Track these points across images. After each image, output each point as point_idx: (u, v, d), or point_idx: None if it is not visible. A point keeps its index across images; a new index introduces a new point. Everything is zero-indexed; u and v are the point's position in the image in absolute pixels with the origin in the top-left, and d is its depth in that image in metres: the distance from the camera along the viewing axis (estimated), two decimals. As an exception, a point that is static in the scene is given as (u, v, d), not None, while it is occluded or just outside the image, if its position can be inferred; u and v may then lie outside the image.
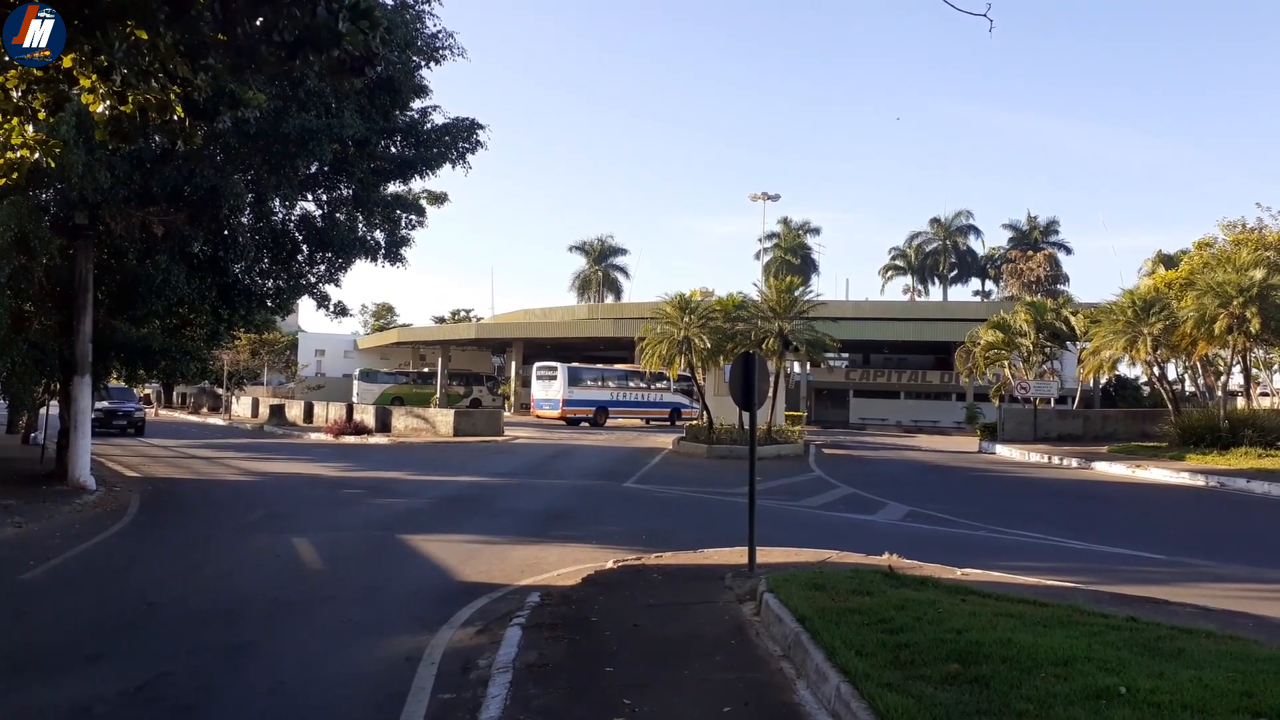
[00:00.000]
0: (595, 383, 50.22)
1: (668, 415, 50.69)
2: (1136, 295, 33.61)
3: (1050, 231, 71.23)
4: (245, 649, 7.80)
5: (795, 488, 21.10)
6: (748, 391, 10.34)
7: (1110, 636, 6.67)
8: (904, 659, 6.04)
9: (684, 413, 49.90)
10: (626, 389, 50.71)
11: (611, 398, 49.82)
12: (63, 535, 13.25)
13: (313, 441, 35.32)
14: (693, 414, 47.94)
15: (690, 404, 49.20)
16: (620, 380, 51.06)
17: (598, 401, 48.70)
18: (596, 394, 49.29)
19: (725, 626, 8.06)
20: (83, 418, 17.81)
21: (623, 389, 50.65)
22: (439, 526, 14.62)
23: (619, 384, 50.85)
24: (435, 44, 18.52)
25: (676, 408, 50.87)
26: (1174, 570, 12.13)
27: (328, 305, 21.57)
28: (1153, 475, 25.32)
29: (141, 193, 16.12)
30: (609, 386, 50.56)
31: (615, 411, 49.43)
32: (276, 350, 64.52)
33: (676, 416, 50.03)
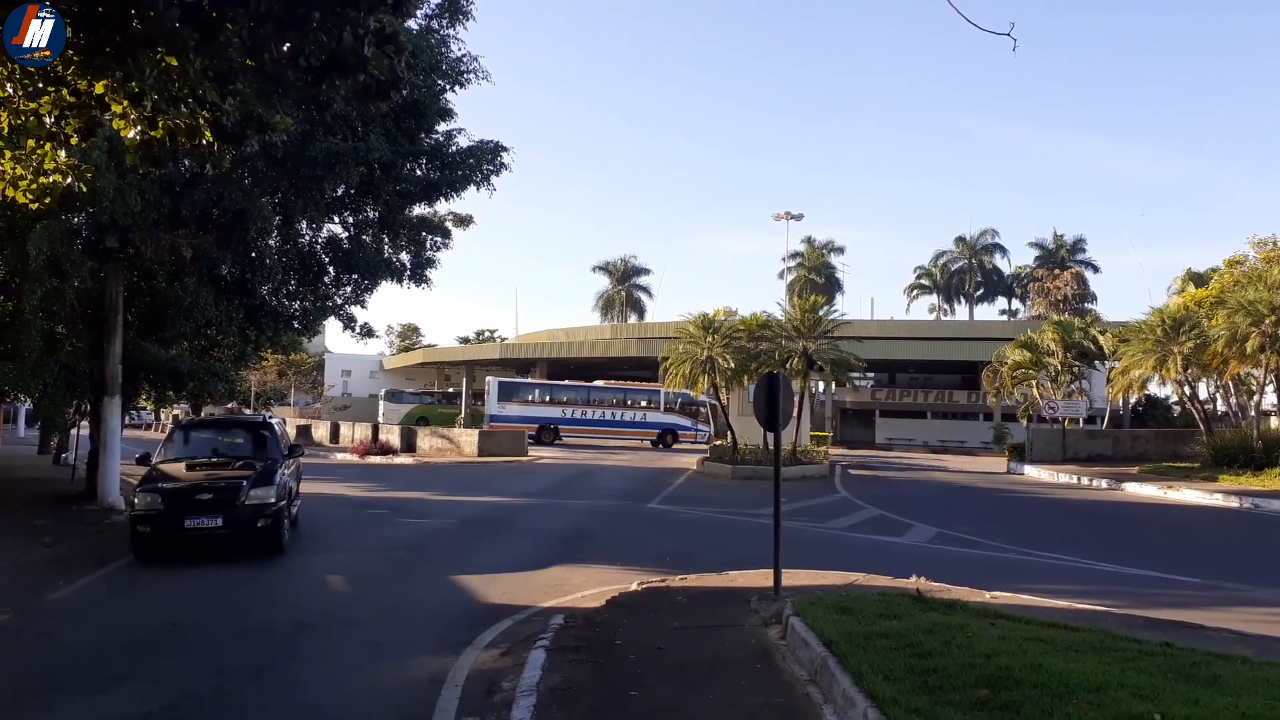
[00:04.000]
0: (537, 399, 49.05)
1: (656, 436, 48.20)
2: (1166, 314, 33.23)
3: (1077, 250, 70.77)
4: (269, 670, 7.80)
5: (821, 509, 20.94)
6: (772, 412, 10.27)
7: (1144, 662, 6.54)
8: (932, 684, 5.94)
9: (681, 435, 47.64)
10: (590, 406, 48.93)
11: (563, 415, 48.24)
12: (91, 555, 13.35)
13: (338, 461, 35.49)
14: (693, 436, 46.92)
15: (691, 425, 47.52)
16: (583, 396, 49.54)
17: (540, 419, 47.20)
18: (538, 411, 47.92)
19: (751, 650, 7.97)
20: (112, 438, 17.97)
21: (585, 406, 48.92)
22: (463, 547, 14.60)
23: (580, 400, 49.22)
24: (460, 68, 18.69)
25: (670, 429, 48.25)
26: (1208, 594, 11.91)
27: (354, 326, 21.74)
28: (1185, 496, 24.93)
29: (171, 216, 16.31)
30: (561, 403, 49.07)
31: (577, 431, 47.52)
32: (303, 371, 65.14)
33: (671, 438, 47.67)
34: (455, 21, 18.29)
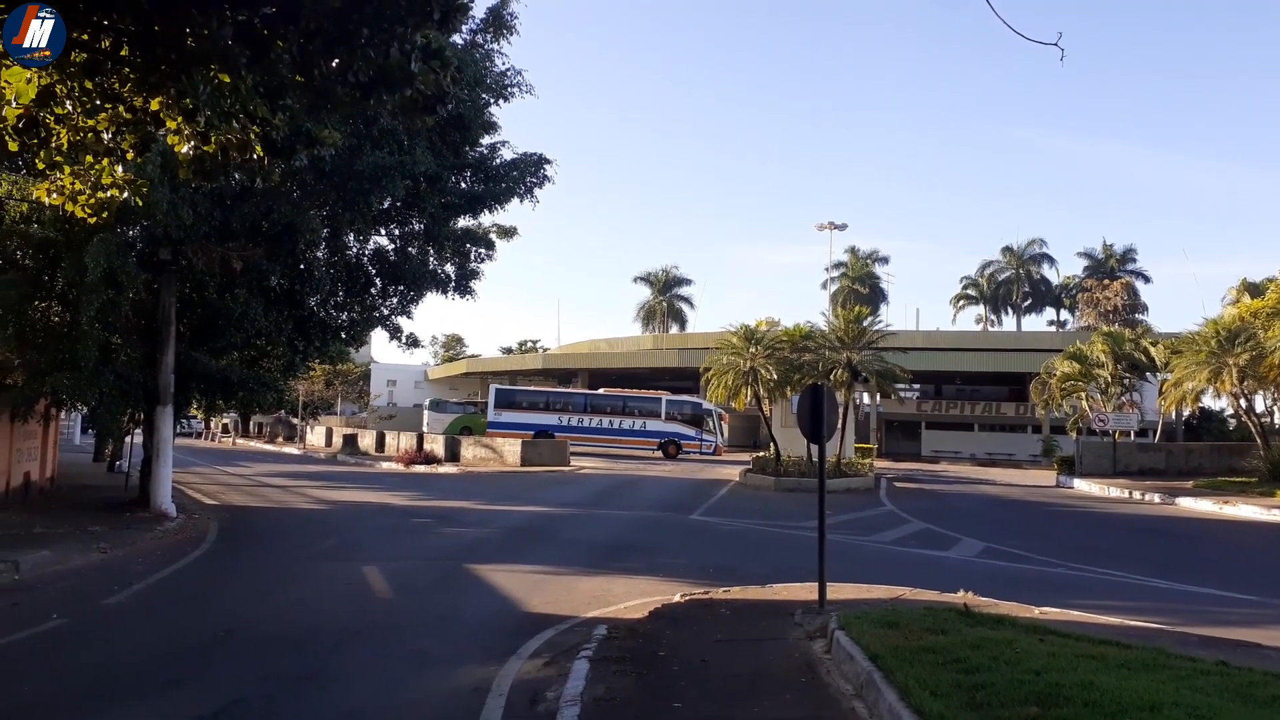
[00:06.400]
0: (535, 406, 48.78)
1: (657, 445, 46.77)
2: (1220, 325, 32.50)
3: (1127, 260, 69.35)
4: (316, 677, 7.89)
5: (866, 522, 20.73)
6: (816, 424, 10.20)
7: (1199, 681, 6.39)
8: (980, 700, 5.85)
9: (684, 444, 46.65)
10: (589, 414, 48.40)
11: (560, 422, 47.61)
12: (144, 561, 13.63)
13: (384, 470, 35.87)
14: (697, 446, 46.35)
15: (695, 435, 46.75)
16: (581, 404, 49.23)
17: (537, 426, 46.49)
18: (535, 418, 47.51)
19: (795, 664, 7.91)
20: (164, 446, 18.34)
21: (583, 414, 48.42)
22: (506, 556, 14.67)
23: (578, 408, 48.86)
24: (504, 81, 18.92)
25: (672, 438, 47.05)
26: (1266, 612, 11.60)
27: (400, 337, 22.07)
28: (1241, 512, 24.31)
29: (222, 229, 16.66)
30: (558, 410, 48.66)
31: (574, 439, 45.58)
32: (350, 381, 65.87)
33: (674, 448, 46.59)
34: (499, 36, 18.55)
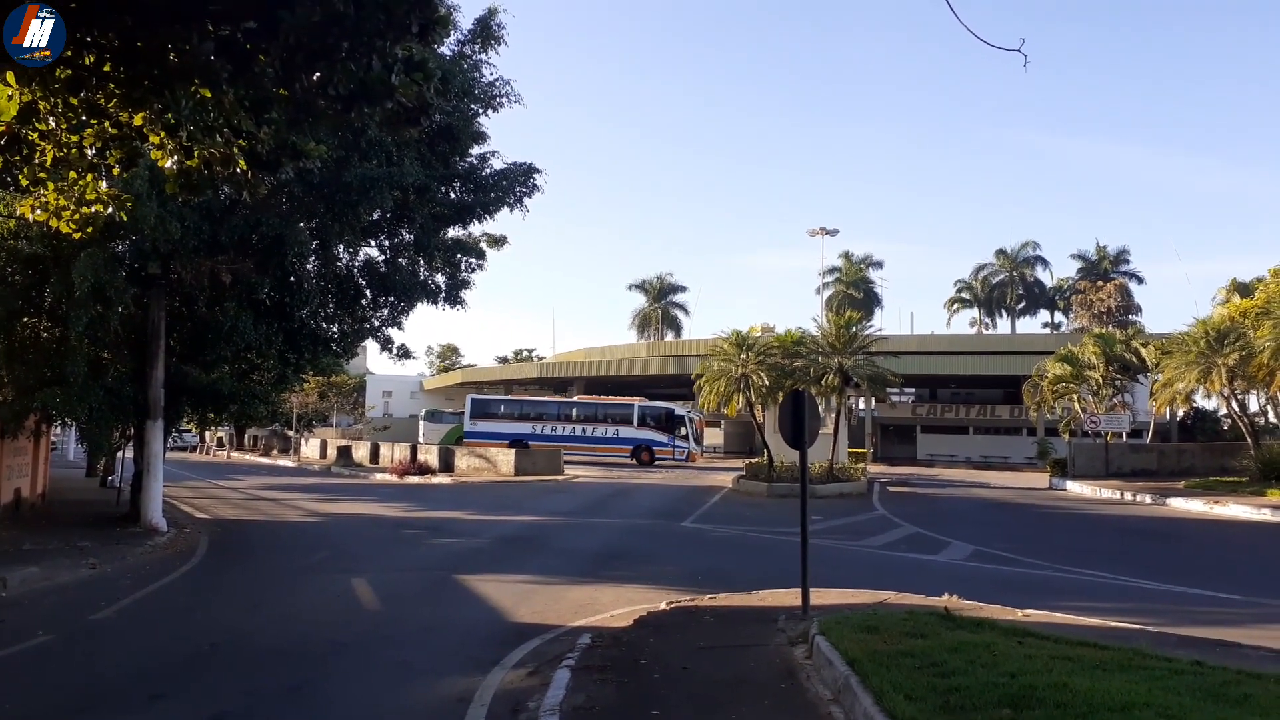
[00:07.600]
0: (510, 415, 49.04)
1: (630, 452, 47.01)
2: (1210, 325, 32.61)
3: (1121, 261, 69.57)
4: (302, 689, 7.93)
5: (857, 527, 20.79)
6: (798, 430, 10.30)
7: (1173, 681, 6.44)
8: (954, 704, 5.91)
9: (657, 450, 46.68)
10: (562, 422, 48.64)
11: (533, 431, 47.82)
12: (134, 576, 13.64)
13: (378, 482, 35.88)
14: (670, 453, 46.38)
15: (668, 441, 46.69)
16: (554, 412, 49.47)
17: (511, 434, 46.51)
18: (509, 427, 47.62)
19: (776, 670, 7.96)
20: (155, 461, 18.35)
21: (556, 422, 48.68)
22: (496, 567, 14.70)
23: (551, 416, 49.11)
24: (492, 92, 18.99)
25: (644, 444, 47.18)
26: (1250, 611, 11.67)
27: (391, 348, 22.08)
28: (1231, 512, 24.40)
29: (210, 242, 16.69)
30: (531, 419, 48.92)
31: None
32: (344, 392, 65.84)
33: (647, 455, 46.66)
34: (487, 47, 18.59)
